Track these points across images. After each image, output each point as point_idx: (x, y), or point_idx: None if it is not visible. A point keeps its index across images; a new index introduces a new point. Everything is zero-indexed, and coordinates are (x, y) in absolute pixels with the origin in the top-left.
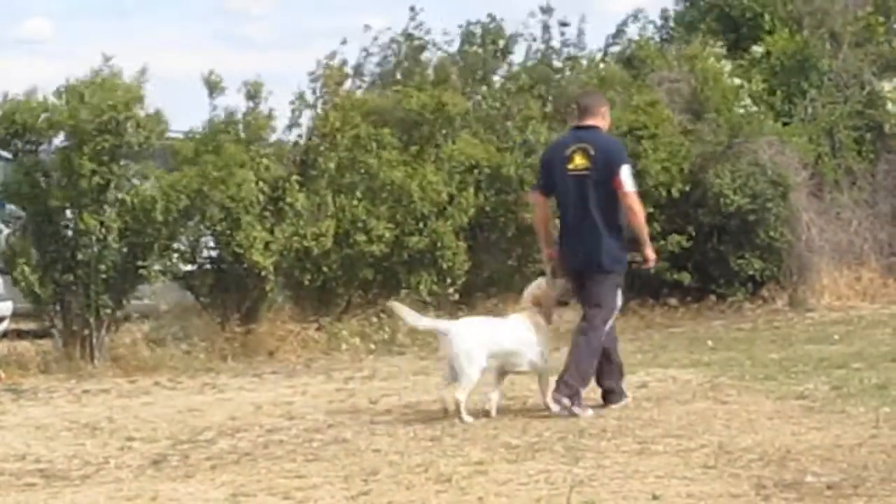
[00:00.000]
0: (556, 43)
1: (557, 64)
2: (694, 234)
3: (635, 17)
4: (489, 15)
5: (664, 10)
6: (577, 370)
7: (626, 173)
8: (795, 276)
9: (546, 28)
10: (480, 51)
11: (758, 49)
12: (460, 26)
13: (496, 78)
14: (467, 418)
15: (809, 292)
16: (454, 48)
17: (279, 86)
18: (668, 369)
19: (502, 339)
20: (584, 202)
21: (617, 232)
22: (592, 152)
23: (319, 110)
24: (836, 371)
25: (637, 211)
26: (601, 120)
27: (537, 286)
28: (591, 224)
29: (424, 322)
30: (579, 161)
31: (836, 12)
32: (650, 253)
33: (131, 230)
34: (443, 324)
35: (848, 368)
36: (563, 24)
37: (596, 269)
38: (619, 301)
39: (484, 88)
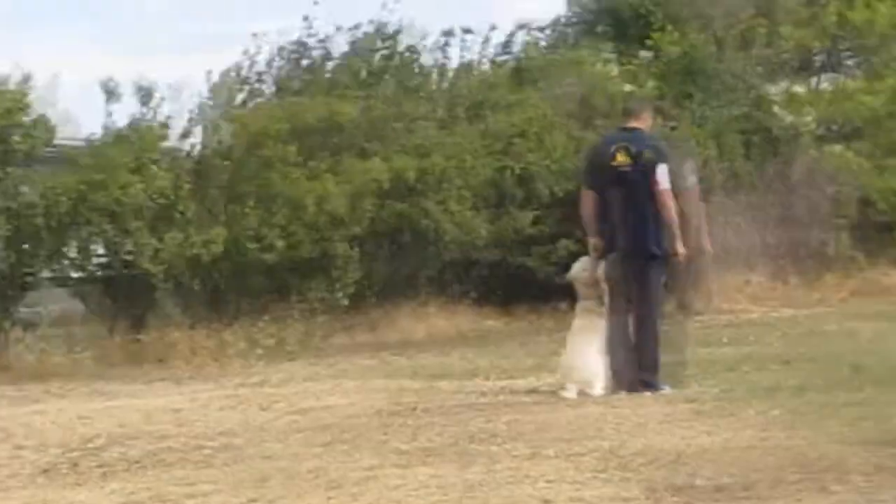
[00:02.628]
0: (456, 50)
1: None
2: (582, 237)
3: (524, 27)
4: (373, 21)
5: (556, 17)
6: (646, 360)
7: (662, 171)
8: (684, 281)
9: (448, 35)
10: (372, 58)
11: (646, 53)
12: (351, 29)
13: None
14: None
15: (699, 296)
16: (343, 54)
17: (176, 93)
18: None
19: None
20: (627, 196)
21: (659, 224)
22: (634, 150)
23: (214, 119)
24: (726, 374)
25: (669, 207)
26: (643, 122)
27: (584, 267)
28: (634, 216)
29: None
30: (622, 158)
31: (719, 16)
32: (679, 247)
33: (17, 237)
34: None
35: (737, 371)
36: (467, 31)
37: (642, 259)
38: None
39: (374, 95)
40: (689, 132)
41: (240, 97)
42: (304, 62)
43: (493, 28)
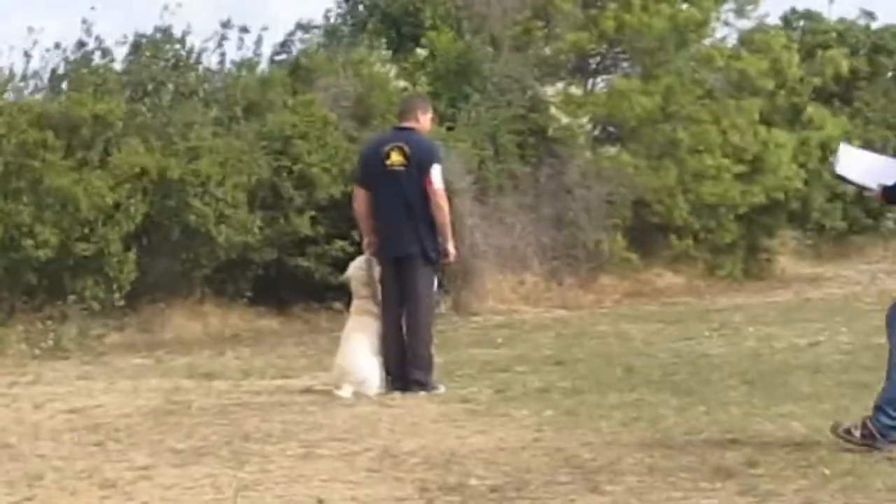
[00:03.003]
0: (231, 50)
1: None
2: (358, 238)
3: (303, 26)
4: (159, 28)
5: (327, 11)
6: (420, 360)
7: (436, 172)
8: (459, 281)
9: (222, 38)
10: (150, 63)
11: (422, 52)
12: (136, 36)
13: (170, 87)
14: None
15: (473, 296)
16: (125, 58)
17: None
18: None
19: None
20: (400, 196)
21: (431, 225)
22: (408, 150)
23: None
24: (500, 375)
25: (443, 208)
26: (416, 123)
27: (359, 266)
28: (407, 216)
29: None
30: (396, 158)
31: (494, 17)
32: (451, 248)
33: None
34: None
35: (511, 372)
36: (244, 30)
37: (414, 259)
38: (436, 290)
39: (151, 97)
40: (465, 133)
41: (9, 93)
42: (82, 62)
43: (264, 28)
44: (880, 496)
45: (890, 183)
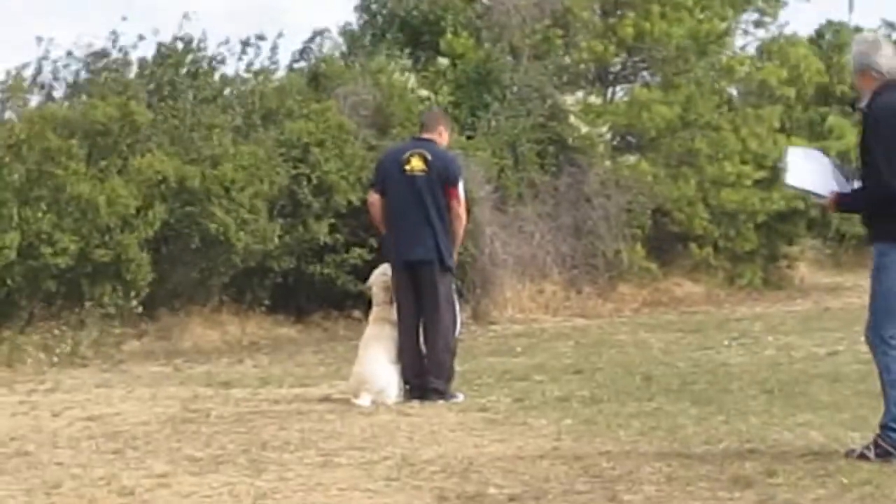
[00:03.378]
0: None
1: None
2: (377, 246)
3: (321, 34)
4: (180, 38)
5: (347, 24)
6: (439, 368)
7: (462, 187)
8: (479, 290)
9: (245, 45)
10: (172, 71)
11: (443, 61)
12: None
13: (190, 94)
14: None
15: (492, 305)
16: (144, 63)
17: None
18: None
19: None
20: (419, 202)
21: (447, 232)
22: (430, 157)
23: (6, 121)
24: (519, 383)
25: (463, 220)
26: (438, 136)
27: (382, 273)
28: (425, 223)
29: None
30: (416, 164)
31: (513, 25)
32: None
33: None
34: None
35: (530, 381)
36: (260, 38)
37: (431, 266)
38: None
39: (171, 103)
40: (485, 141)
41: (33, 99)
42: (102, 68)
43: (280, 35)
44: None
45: (842, 189)
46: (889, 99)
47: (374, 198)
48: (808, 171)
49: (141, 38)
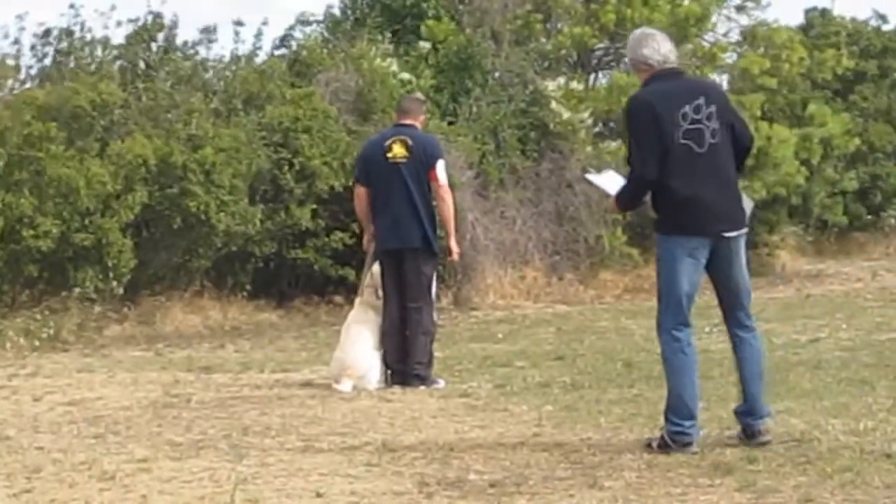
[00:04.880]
0: (230, 42)
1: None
2: (359, 231)
3: (303, 21)
4: (152, 13)
5: (329, 7)
6: (420, 354)
7: (441, 167)
8: (460, 275)
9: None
10: (144, 48)
11: (425, 45)
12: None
13: (163, 74)
14: None
15: (474, 291)
16: (119, 45)
17: None
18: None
19: None
20: (403, 188)
21: (433, 218)
22: (411, 143)
23: None
24: (500, 369)
25: (448, 203)
26: (417, 121)
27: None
28: (409, 209)
29: None
30: (398, 150)
31: (495, 11)
32: (454, 245)
33: None
34: None
35: (511, 367)
36: (239, 24)
37: (417, 252)
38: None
39: (144, 83)
40: (466, 127)
41: (9, 82)
42: (73, 49)
43: (265, 23)
44: (879, 493)
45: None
46: (645, 91)
47: (360, 191)
48: (607, 178)
49: (103, 13)
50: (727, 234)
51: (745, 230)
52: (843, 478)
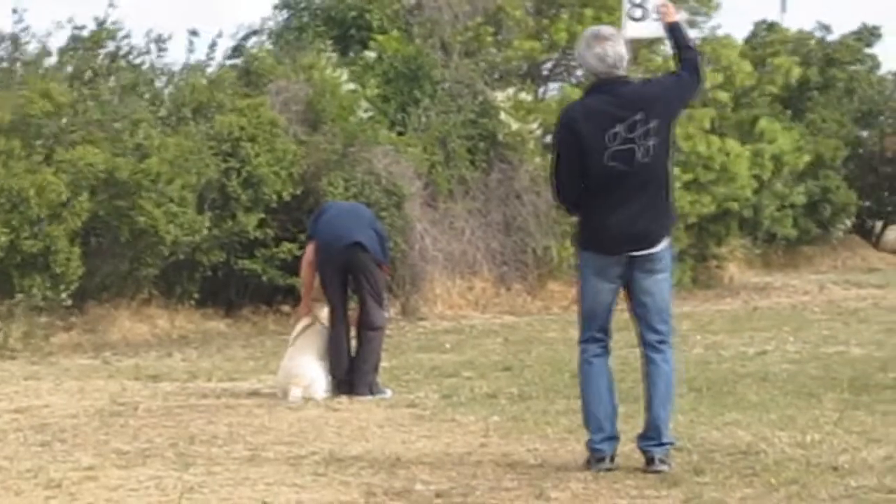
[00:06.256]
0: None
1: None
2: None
3: (256, 32)
4: (96, 18)
5: (265, 19)
6: (367, 364)
7: None
8: (408, 286)
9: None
10: (89, 55)
11: (371, 54)
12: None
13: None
14: None
15: (422, 301)
16: (61, 49)
17: None
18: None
19: None
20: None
21: (382, 231)
22: None
23: None
24: (447, 380)
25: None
26: None
27: None
28: (359, 222)
29: None
30: None
31: (445, 22)
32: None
33: None
34: None
35: (459, 377)
36: (194, 34)
37: (364, 261)
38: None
39: (90, 90)
40: (415, 138)
41: None
42: (18, 56)
43: (219, 35)
44: None
45: None
46: (578, 107)
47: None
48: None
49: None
50: (635, 254)
51: (658, 249)
52: (790, 490)
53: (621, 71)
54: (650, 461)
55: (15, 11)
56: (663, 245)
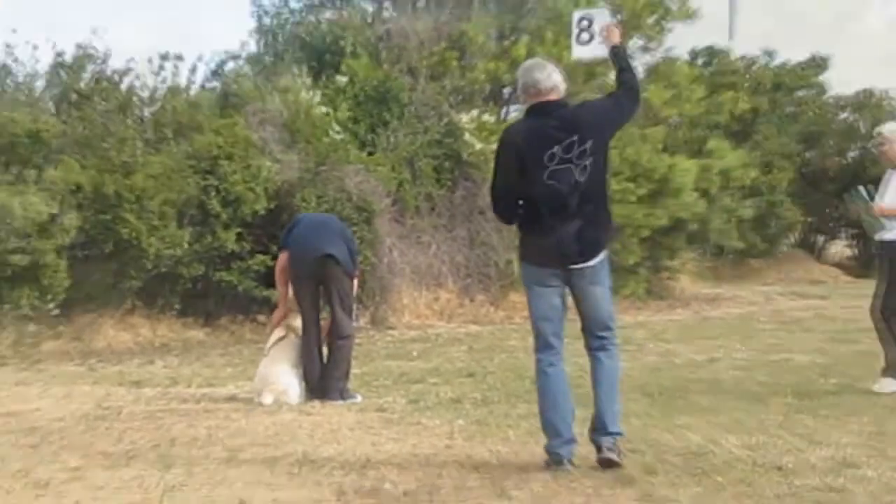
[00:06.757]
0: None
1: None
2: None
3: (236, 57)
4: (81, 46)
5: (243, 43)
6: (339, 370)
7: None
8: (378, 297)
9: (164, 59)
10: (75, 77)
11: (342, 78)
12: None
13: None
14: None
15: (391, 311)
16: (48, 72)
17: None
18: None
19: None
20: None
21: (353, 243)
22: None
23: None
24: (414, 385)
25: None
26: None
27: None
28: (331, 236)
29: None
30: None
31: (412, 48)
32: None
33: None
34: None
35: (425, 383)
36: (178, 58)
37: (337, 273)
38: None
39: (77, 112)
40: (384, 157)
41: None
42: (10, 84)
43: (200, 59)
44: (770, 503)
45: None
46: (519, 127)
47: (283, 256)
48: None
49: (35, 47)
50: (572, 267)
51: (595, 262)
52: (737, 489)
53: (556, 95)
54: (599, 449)
55: (8, 46)
56: (600, 258)
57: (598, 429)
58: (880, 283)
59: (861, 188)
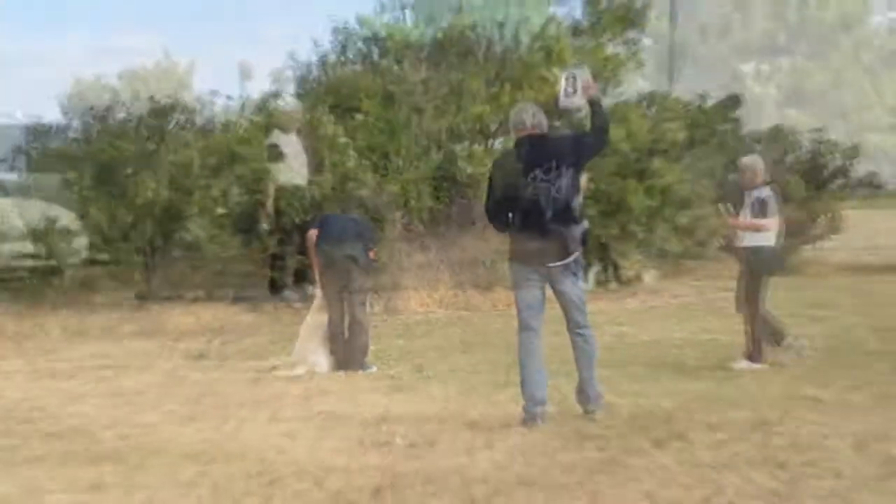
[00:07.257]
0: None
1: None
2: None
3: (277, 94)
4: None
5: (298, 92)
6: (359, 345)
7: None
8: (389, 289)
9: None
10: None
11: (360, 116)
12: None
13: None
14: None
15: (399, 301)
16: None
17: None
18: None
19: None
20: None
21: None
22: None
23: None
24: (419, 359)
25: None
26: None
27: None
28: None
29: None
30: None
31: (419, 92)
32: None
33: None
34: None
35: (427, 357)
36: (229, 98)
37: (355, 263)
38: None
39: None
40: (395, 179)
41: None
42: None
43: (247, 97)
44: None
45: None
46: (510, 152)
47: (312, 234)
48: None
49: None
50: (550, 265)
51: (569, 260)
52: (676, 444)
53: (539, 130)
54: (585, 411)
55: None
56: (573, 257)
57: (582, 392)
58: (740, 279)
59: (726, 205)
